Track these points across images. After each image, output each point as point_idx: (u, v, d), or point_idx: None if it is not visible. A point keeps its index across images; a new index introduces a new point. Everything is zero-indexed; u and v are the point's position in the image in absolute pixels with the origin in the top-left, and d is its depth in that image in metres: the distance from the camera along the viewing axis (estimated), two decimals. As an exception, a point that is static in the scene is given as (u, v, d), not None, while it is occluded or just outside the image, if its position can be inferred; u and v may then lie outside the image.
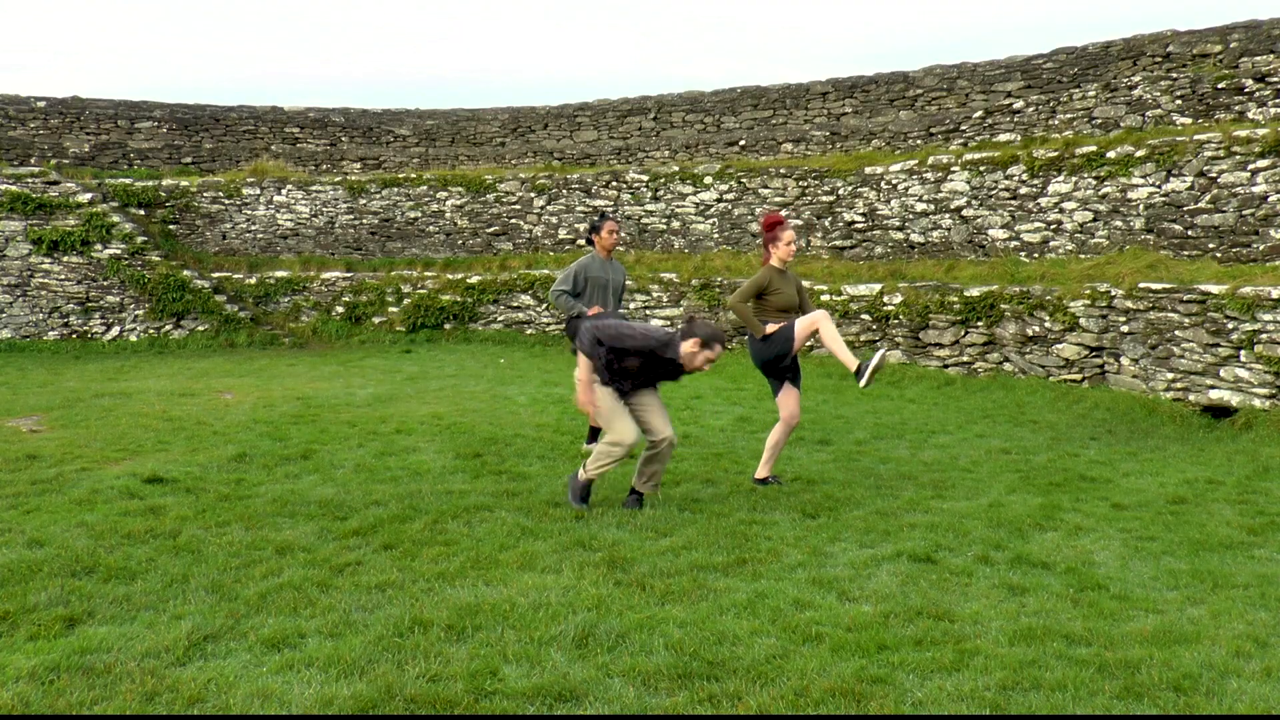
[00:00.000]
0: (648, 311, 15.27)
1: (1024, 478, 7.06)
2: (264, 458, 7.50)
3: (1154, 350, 10.11)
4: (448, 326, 16.57)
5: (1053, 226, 12.81)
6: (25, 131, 18.87)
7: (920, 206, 14.21)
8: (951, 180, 13.91)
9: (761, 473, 6.83)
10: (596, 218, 8.40)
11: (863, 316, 13.00)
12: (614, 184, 17.14)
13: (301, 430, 8.68)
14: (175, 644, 3.96)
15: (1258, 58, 12.18)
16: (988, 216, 13.48)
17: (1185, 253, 11.25)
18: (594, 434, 8.41)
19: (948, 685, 3.65)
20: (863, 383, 6.44)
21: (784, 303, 6.82)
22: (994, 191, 13.44)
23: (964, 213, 13.75)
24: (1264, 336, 8.98)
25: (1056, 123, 14.35)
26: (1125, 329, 10.54)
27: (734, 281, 14.50)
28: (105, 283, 16.07)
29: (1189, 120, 12.66)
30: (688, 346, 5.87)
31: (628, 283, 8.61)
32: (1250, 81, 12.17)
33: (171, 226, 17.41)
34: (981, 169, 13.61)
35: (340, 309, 16.81)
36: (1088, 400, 10.18)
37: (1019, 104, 14.99)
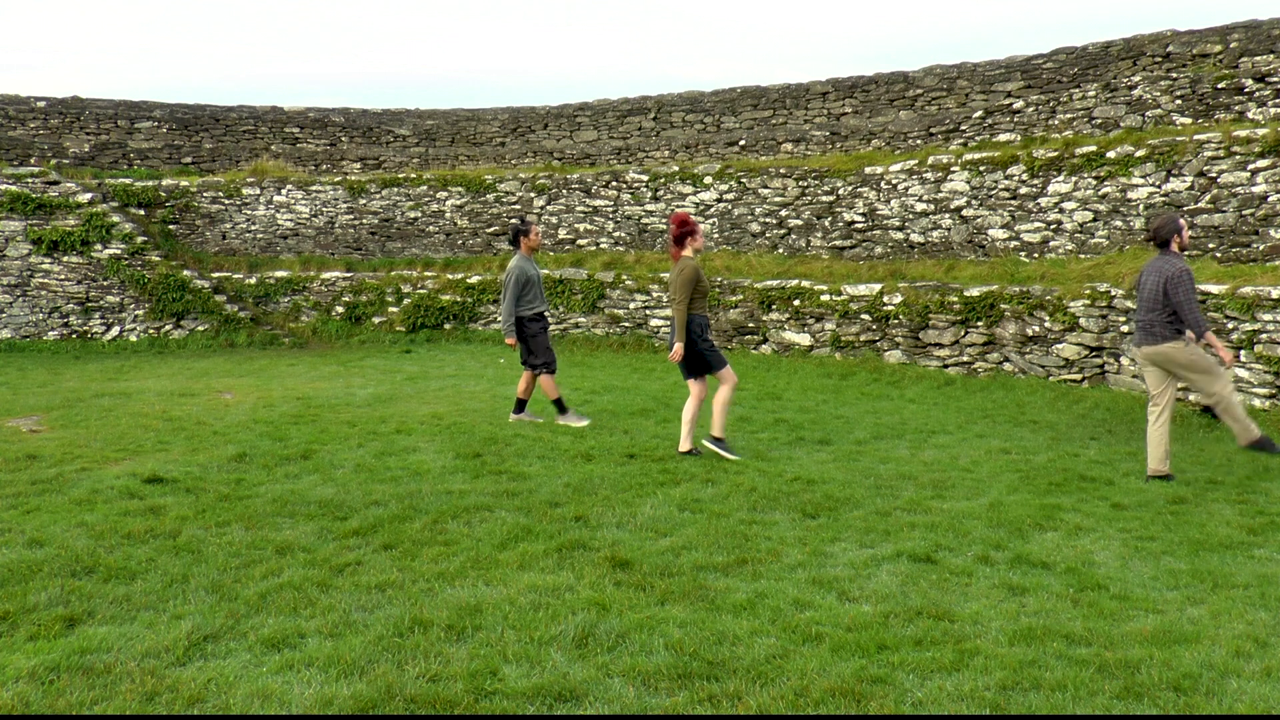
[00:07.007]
0: (648, 311, 15.27)
1: (1024, 478, 7.06)
2: (264, 458, 7.50)
3: (1154, 350, 10.11)
4: (448, 326, 16.57)
5: (1053, 226, 12.81)
6: (25, 131, 18.87)
7: (920, 206, 14.21)
8: (951, 180, 13.91)
9: (684, 445, 7.73)
10: (519, 222, 9.38)
11: (863, 316, 13.00)
12: (614, 184, 17.14)
13: (301, 430, 8.69)
14: (175, 644, 3.96)
15: (1258, 58, 12.17)
16: (988, 216, 13.48)
17: (1185, 253, 11.24)
18: (521, 406, 9.29)
19: (948, 685, 3.65)
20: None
21: (706, 289, 7.85)
22: (994, 191, 13.44)
23: (964, 213, 13.75)
24: (1264, 336, 8.98)
25: (1056, 123, 14.34)
26: (1125, 329, 10.54)
27: (734, 281, 14.49)
28: (105, 283, 16.07)
29: (1189, 120, 12.65)
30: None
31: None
32: (1250, 81, 12.16)
33: (171, 226, 17.40)
34: (981, 169, 13.61)
35: (340, 309, 16.81)
36: (1088, 400, 10.19)
37: (1019, 104, 14.98)
